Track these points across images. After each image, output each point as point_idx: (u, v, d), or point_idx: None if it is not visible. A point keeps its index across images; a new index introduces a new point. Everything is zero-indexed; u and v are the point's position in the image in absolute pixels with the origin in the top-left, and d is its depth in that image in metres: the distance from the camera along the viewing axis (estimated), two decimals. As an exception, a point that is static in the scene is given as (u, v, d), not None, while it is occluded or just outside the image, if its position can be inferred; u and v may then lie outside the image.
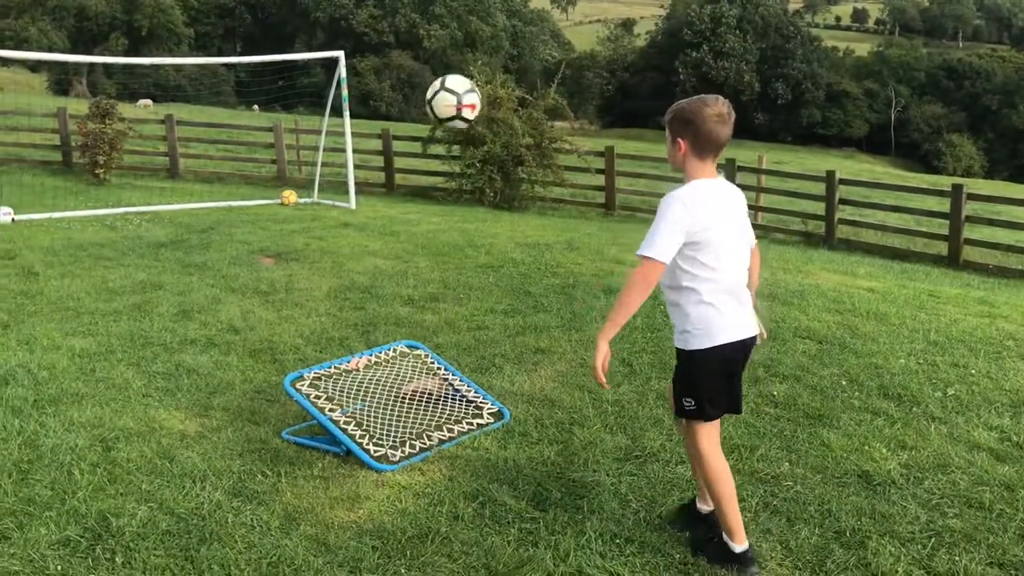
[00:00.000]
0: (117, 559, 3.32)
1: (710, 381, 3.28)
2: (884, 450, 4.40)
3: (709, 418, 3.30)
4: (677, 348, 3.33)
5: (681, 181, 3.31)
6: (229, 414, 4.78)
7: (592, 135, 60.23)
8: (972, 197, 13.03)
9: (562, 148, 16.27)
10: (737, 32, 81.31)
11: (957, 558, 3.40)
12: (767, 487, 3.99)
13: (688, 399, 3.30)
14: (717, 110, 3.18)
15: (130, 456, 4.20)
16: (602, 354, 3.17)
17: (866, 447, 4.43)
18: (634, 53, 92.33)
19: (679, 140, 3.22)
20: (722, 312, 3.23)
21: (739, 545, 3.30)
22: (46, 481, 3.91)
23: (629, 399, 5.03)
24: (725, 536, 3.32)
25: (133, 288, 7.47)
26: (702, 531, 3.50)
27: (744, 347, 3.31)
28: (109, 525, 3.55)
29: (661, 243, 3.11)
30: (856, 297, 7.68)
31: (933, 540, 3.54)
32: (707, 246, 3.18)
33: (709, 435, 3.32)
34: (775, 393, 5.17)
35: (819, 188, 14.36)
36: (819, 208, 14.28)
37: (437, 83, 5.84)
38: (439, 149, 16.67)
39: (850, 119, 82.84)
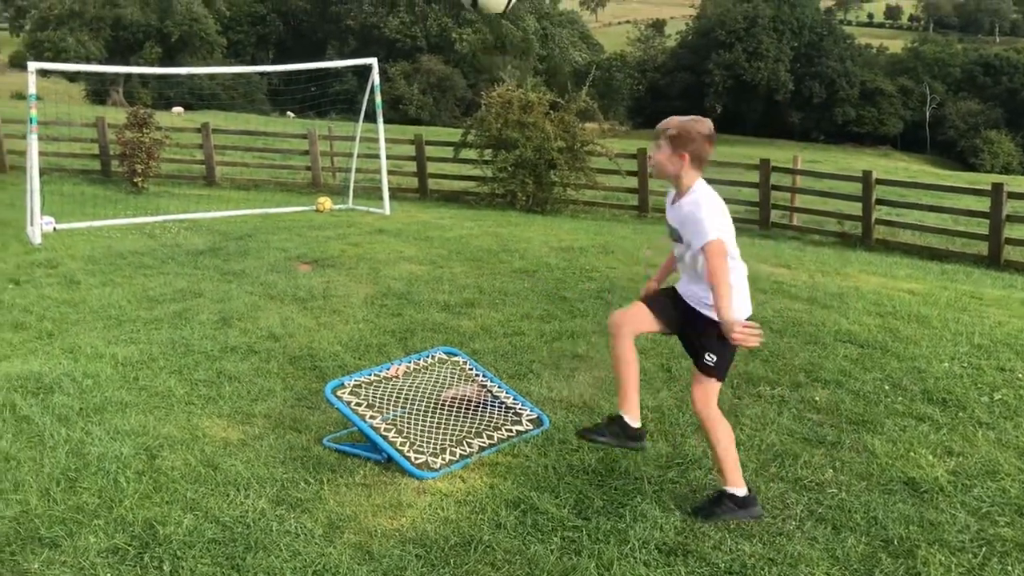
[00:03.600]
0: (165, 567, 3.36)
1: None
2: (930, 456, 4.33)
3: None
4: (708, 316, 3.68)
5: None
6: (271, 421, 4.82)
7: (622, 136, 59.89)
8: (1013, 195, 12.81)
9: (594, 151, 16.23)
10: (772, 32, 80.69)
11: (1009, 568, 3.34)
12: (811, 495, 3.95)
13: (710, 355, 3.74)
14: (709, 132, 3.68)
15: (174, 464, 4.25)
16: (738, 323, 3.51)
17: (912, 453, 4.37)
18: (664, 54, 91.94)
19: (683, 153, 3.65)
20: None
21: (740, 490, 3.74)
22: (93, 489, 3.97)
23: (669, 405, 5.01)
24: (726, 487, 3.75)
25: (173, 296, 7.56)
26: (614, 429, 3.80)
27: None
28: (156, 533, 3.59)
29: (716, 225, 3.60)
30: (896, 299, 7.58)
31: (984, 549, 3.48)
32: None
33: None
34: (817, 399, 5.11)
35: (855, 188, 14.22)
36: (855, 208, 14.13)
37: None
38: (471, 154, 16.70)
39: (884, 117, 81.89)
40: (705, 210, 3.58)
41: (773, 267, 9.04)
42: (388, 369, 4.97)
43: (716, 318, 3.57)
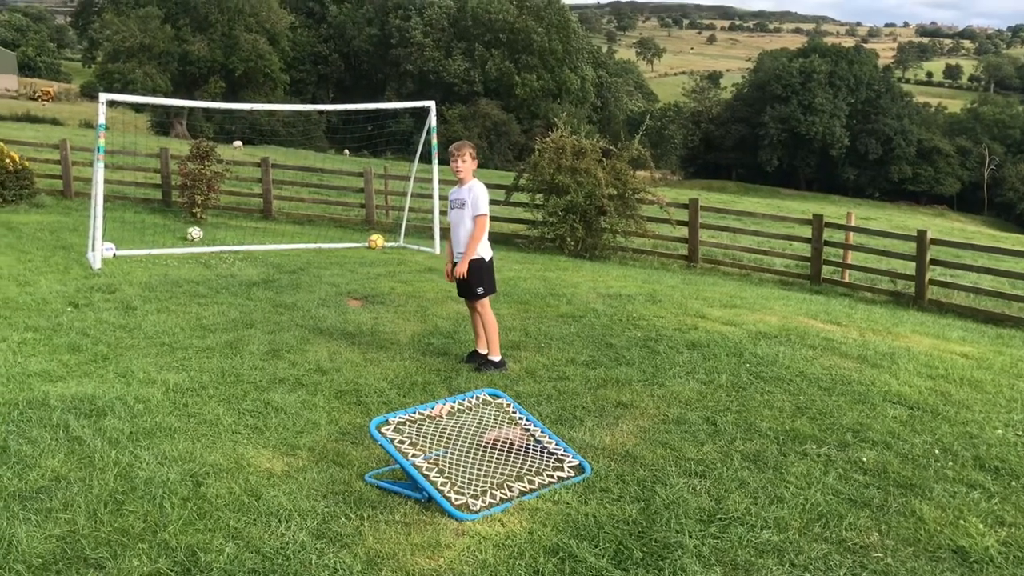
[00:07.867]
0: (205, 594, 3.39)
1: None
2: (981, 525, 4.23)
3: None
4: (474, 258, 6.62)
5: None
6: (315, 454, 4.87)
7: (674, 185, 59.97)
8: (1073, 262, 12.54)
9: (645, 199, 16.25)
10: (828, 88, 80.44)
11: (1061, 645, 3.24)
12: (855, 557, 3.87)
13: (480, 288, 6.64)
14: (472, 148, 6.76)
15: (219, 492, 4.30)
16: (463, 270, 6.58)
17: (961, 521, 4.27)
18: (719, 105, 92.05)
19: (475, 160, 6.65)
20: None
21: (497, 357, 6.61)
22: (139, 513, 4.04)
23: (713, 459, 4.96)
24: (491, 356, 6.60)
25: (226, 326, 7.70)
26: (477, 358, 6.70)
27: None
28: (198, 560, 3.63)
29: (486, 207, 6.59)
30: (949, 362, 7.45)
31: (1034, 624, 3.38)
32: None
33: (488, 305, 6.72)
34: (864, 459, 5.03)
35: (909, 247, 14.03)
36: (909, 268, 13.93)
37: None
38: (523, 197, 16.83)
39: (941, 176, 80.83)
40: (483, 195, 6.54)
41: (823, 323, 8.94)
42: (432, 408, 5.00)
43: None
